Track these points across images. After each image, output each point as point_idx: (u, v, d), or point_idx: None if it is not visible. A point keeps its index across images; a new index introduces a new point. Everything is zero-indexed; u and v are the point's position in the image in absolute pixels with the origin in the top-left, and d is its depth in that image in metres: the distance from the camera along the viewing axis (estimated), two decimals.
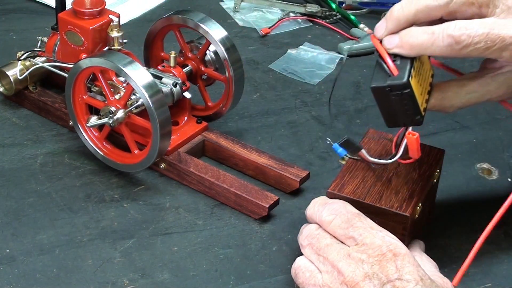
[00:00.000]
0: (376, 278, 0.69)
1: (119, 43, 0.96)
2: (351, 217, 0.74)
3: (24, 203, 0.89)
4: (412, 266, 0.70)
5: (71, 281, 0.80)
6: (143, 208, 0.90)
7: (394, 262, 0.70)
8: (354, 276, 0.70)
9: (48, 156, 0.96)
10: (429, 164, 0.84)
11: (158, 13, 1.27)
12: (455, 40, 0.72)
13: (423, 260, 0.78)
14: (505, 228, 0.89)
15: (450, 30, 0.72)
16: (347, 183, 0.81)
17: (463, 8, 0.73)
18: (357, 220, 0.74)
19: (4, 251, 0.83)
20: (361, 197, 0.79)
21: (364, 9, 1.31)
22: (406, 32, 0.74)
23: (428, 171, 0.83)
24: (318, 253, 0.74)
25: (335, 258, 0.72)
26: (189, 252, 0.84)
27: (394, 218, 0.78)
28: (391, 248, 0.71)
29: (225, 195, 0.90)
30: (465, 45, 0.72)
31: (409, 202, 0.79)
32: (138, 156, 0.91)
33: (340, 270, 0.71)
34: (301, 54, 1.19)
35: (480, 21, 0.72)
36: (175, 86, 0.95)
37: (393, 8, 0.75)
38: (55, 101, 1.01)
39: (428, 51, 0.74)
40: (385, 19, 0.76)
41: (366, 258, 0.70)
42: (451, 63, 0.88)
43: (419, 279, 0.69)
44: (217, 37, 0.95)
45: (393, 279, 0.69)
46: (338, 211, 0.75)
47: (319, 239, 0.74)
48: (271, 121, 1.05)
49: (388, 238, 0.72)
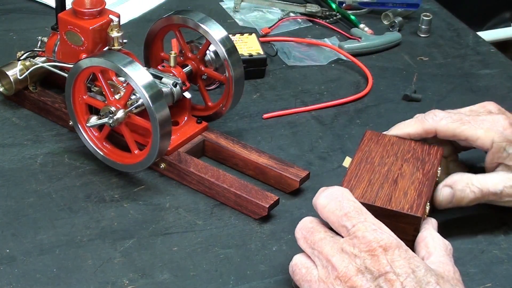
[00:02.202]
0: (368, 273, 0.70)
1: (119, 43, 0.96)
2: (346, 204, 0.74)
3: (24, 203, 0.89)
4: (402, 260, 0.70)
5: (71, 281, 0.80)
6: (143, 208, 0.90)
7: (384, 257, 0.70)
8: (347, 271, 0.71)
9: (48, 156, 0.96)
10: (431, 162, 0.85)
11: (158, 13, 1.27)
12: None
13: (435, 241, 0.77)
14: (505, 228, 0.89)
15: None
16: (355, 187, 0.81)
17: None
18: (352, 209, 0.74)
19: (4, 251, 0.83)
20: (370, 200, 0.79)
21: (364, 9, 1.31)
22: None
23: (431, 169, 0.84)
24: (312, 246, 0.74)
25: (329, 252, 0.72)
26: (189, 252, 0.84)
27: (406, 220, 0.78)
28: (381, 244, 0.71)
29: (225, 195, 0.90)
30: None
31: (419, 202, 0.79)
32: (138, 156, 0.91)
33: (334, 265, 0.71)
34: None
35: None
36: (175, 86, 0.95)
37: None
38: (55, 101, 1.01)
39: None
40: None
41: (358, 253, 0.71)
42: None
43: (411, 272, 0.70)
44: (217, 37, 0.95)
45: (384, 272, 0.70)
46: (334, 196, 0.75)
47: (313, 233, 0.75)
48: (271, 121, 1.05)
49: (379, 232, 0.72)
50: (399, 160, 0.85)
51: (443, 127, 0.87)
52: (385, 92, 1.12)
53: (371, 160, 0.85)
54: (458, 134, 0.87)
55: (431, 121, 0.88)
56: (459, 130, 0.87)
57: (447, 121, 0.87)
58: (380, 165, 0.84)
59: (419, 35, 1.26)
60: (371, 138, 0.88)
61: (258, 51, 1.14)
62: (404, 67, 1.19)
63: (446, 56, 1.22)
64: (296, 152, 0.99)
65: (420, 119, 0.89)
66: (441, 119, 0.87)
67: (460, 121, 0.87)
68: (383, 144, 0.87)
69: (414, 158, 0.85)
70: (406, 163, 0.84)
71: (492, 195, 0.86)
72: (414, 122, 0.89)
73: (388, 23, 1.27)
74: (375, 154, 0.85)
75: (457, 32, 1.28)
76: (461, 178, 0.86)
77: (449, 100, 1.11)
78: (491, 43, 1.28)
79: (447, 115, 0.88)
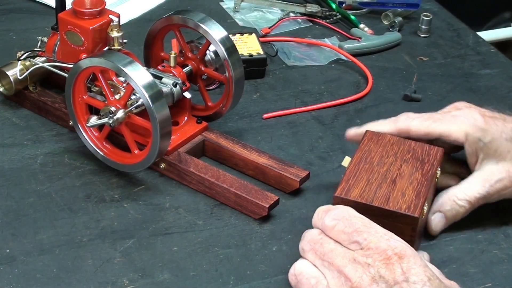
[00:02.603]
0: (383, 282, 0.69)
1: (119, 43, 0.96)
2: (354, 221, 0.74)
3: (24, 203, 0.89)
4: (418, 267, 0.70)
5: (71, 281, 0.80)
6: (143, 208, 0.90)
7: (399, 265, 0.70)
8: (361, 281, 0.70)
9: (48, 156, 0.96)
10: (430, 163, 0.84)
11: (158, 13, 1.27)
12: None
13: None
14: (505, 228, 0.89)
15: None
16: (353, 186, 0.81)
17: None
18: (361, 224, 0.73)
19: (4, 251, 0.83)
20: (368, 200, 0.79)
21: (364, 9, 1.31)
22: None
23: (430, 170, 0.84)
24: (322, 258, 0.73)
25: (340, 263, 0.72)
26: (189, 252, 0.84)
27: (403, 220, 0.78)
28: (396, 252, 0.70)
29: (225, 195, 0.90)
30: None
31: (417, 202, 0.79)
32: (138, 156, 0.91)
33: (347, 276, 0.71)
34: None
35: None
36: (175, 86, 0.95)
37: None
38: (55, 101, 1.01)
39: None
40: None
41: (372, 262, 0.70)
42: None
43: (426, 280, 0.69)
44: (217, 37, 0.95)
45: (400, 281, 0.69)
46: (341, 216, 0.75)
47: (322, 244, 0.74)
48: (271, 121, 1.05)
49: (393, 241, 0.72)
50: (399, 160, 0.85)
51: (415, 126, 0.87)
52: (385, 92, 1.12)
53: (370, 160, 0.85)
54: (431, 132, 0.87)
55: (404, 121, 0.88)
56: (431, 127, 0.87)
57: (419, 120, 0.88)
58: (379, 165, 0.84)
59: (419, 35, 1.26)
60: (371, 138, 0.88)
61: (258, 51, 1.14)
62: (404, 67, 1.18)
63: (446, 56, 1.22)
64: (296, 152, 0.99)
65: (393, 119, 0.89)
66: (413, 119, 0.88)
67: (431, 119, 0.87)
68: (383, 144, 0.87)
69: (413, 159, 0.85)
70: (405, 164, 0.84)
71: (481, 200, 0.86)
72: (388, 122, 0.89)
73: (388, 23, 1.27)
74: (375, 154, 0.85)
75: (457, 32, 1.28)
76: (446, 197, 0.86)
77: (449, 100, 1.10)
78: (491, 43, 1.28)
79: (419, 115, 0.88)
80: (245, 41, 1.16)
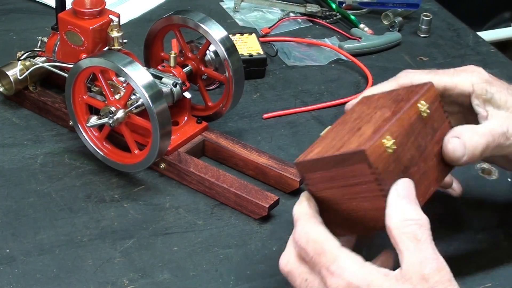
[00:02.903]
0: None
1: (119, 43, 0.96)
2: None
3: (24, 203, 0.89)
4: None
5: (71, 281, 0.80)
6: (143, 208, 0.90)
7: None
8: None
9: (48, 156, 0.96)
10: (407, 99, 0.74)
11: (158, 13, 1.27)
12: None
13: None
14: (505, 228, 0.89)
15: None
16: (315, 147, 0.73)
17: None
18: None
19: (4, 251, 0.83)
20: (321, 153, 0.70)
21: (364, 9, 1.31)
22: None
23: (405, 106, 0.73)
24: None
25: None
26: (189, 252, 0.84)
27: (356, 160, 0.67)
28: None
29: (225, 195, 0.90)
30: None
31: (371, 137, 0.68)
32: (138, 156, 0.91)
33: None
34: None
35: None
36: (175, 86, 0.95)
37: None
38: (55, 101, 1.01)
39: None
40: None
41: None
42: None
43: None
44: (217, 37, 0.95)
45: None
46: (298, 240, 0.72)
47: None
48: (271, 121, 1.05)
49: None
50: (376, 109, 0.75)
51: (418, 80, 0.80)
52: None
53: (349, 119, 0.76)
54: (435, 85, 0.80)
55: (405, 77, 0.83)
56: (435, 79, 0.80)
57: (421, 74, 0.82)
58: (355, 121, 0.74)
59: (419, 35, 1.26)
60: (362, 101, 0.80)
61: (258, 51, 1.14)
62: (404, 67, 1.17)
63: (446, 56, 1.22)
64: (296, 152, 0.99)
65: (393, 78, 0.84)
66: (414, 74, 0.83)
67: (434, 73, 0.83)
68: (368, 102, 0.78)
69: (393, 102, 0.75)
70: (381, 110, 0.74)
71: (501, 136, 0.79)
72: (387, 82, 0.84)
73: (388, 23, 1.27)
74: (355, 113, 0.76)
75: (457, 32, 1.28)
76: (465, 127, 0.79)
77: None
78: (491, 43, 1.28)
79: (420, 71, 0.84)
80: (245, 41, 1.16)
